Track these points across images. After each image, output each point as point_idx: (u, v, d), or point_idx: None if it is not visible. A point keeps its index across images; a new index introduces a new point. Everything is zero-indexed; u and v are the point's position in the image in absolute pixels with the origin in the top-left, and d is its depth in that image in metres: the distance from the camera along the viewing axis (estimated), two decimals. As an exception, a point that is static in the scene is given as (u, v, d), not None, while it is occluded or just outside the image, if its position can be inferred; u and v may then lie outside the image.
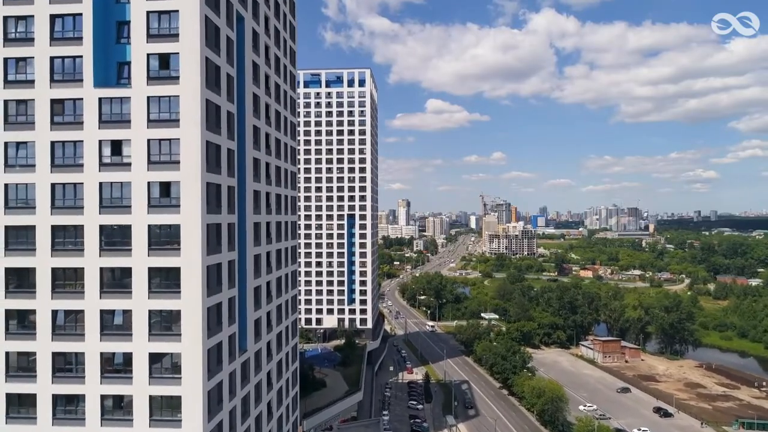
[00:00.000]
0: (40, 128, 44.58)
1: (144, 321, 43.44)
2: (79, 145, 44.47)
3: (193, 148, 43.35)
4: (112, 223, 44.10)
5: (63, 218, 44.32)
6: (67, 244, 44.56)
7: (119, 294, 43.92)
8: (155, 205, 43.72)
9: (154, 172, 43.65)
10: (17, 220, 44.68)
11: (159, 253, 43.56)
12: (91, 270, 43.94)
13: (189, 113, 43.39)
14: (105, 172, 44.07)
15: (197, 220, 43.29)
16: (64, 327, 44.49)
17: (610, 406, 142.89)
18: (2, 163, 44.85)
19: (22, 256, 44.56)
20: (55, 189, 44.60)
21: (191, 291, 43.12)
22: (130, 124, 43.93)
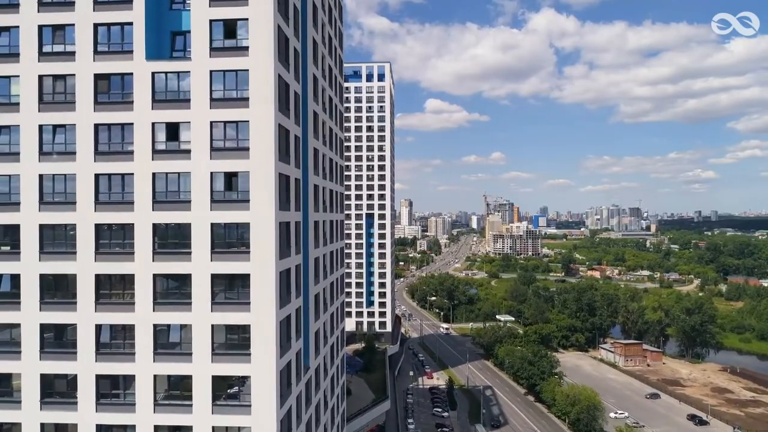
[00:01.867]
0: (81, 109, 37.28)
1: (206, 338, 36.26)
2: (128, 128, 37.21)
3: (265, 133, 36.19)
4: (168, 222, 36.87)
5: (109, 216, 37.07)
6: (113, 246, 37.31)
7: (176, 306, 36.72)
8: (219, 200, 36.54)
9: (217, 160, 36.47)
10: (54, 218, 37.38)
11: (224, 258, 36.38)
12: (142, 277, 36.72)
13: (260, 90, 36.22)
14: (159, 161, 36.84)
15: (270, 218, 36.14)
16: (110, 345, 37.23)
17: (642, 413, 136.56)
18: (36, 151, 37.55)
19: (61, 261, 37.26)
20: (100, 181, 37.32)
21: (263, 302, 35.98)
22: (190, 104, 36.70)
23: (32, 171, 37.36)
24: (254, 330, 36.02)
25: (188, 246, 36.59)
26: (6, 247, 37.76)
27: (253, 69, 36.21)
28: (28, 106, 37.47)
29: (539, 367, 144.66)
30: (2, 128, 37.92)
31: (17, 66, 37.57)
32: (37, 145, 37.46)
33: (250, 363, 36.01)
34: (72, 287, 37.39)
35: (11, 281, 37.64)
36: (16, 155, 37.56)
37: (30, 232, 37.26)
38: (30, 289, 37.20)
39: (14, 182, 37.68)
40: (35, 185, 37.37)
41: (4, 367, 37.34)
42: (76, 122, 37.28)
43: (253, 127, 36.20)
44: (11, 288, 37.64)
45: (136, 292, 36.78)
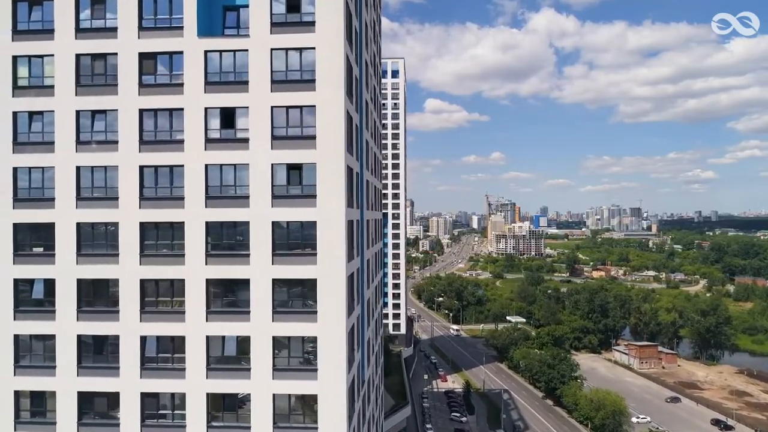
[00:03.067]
0: (124, 91, 32.88)
1: (266, 351, 31.90)
2: (178, 114, 32.83)
3: (334, 119, 31.89)
4: (223, 220, 32.51)
5: (156, 213, 32.68)
6: (160, 247, 32.91)
7: (232, 315, 32.37)
8: (281, 195, 32.22)
9: (279, 150, 32.14)
10: (94, 216, 32.99)
11: (286, 260, 32.04)
12: (193, 283, 32.34)
13: (328, 71, 31.91)
14: (213, 151, 32.47)
15: (339, 216, 31.84)
16: (157, 359, 32.82)
17: (664, 417, 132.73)
18: (73, 140, 33.14)
19: (101, 264, 32.85)
20: (144, 173, 32.93)
21: (331, 311, 31.67)
22: (247, 87, 32.34)
23: (68, 162, 32.94)
24: (321, 343, 31.70)
25: (246, 247, 32.23)
26: (39, 248, 33.35)
27: (321, 47, 31.88)
28: (63, 89, 33.06)
29: (559, 371, 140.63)
30: (34, 114, 33.49)
31: (51, 44, 33.14)
32: (74, 134, 33.04)
33: (317, 380, 31.67)
34: (114, 294, 33.00)
35: (45, 287, 33.22)
36: (50, 144, 33.13)
37: (66, 232, 32.85)
38: (66, 296, 32.79)
39: (48, 175, 33.27)
40: (72, 178, 32.95)
41: (38, 384, 32.93)
42: (118, 107, 32.87)
43: (320, 112, 31.88)
44: (45, 295, 33.24)
45: (186, 299, 32.39)
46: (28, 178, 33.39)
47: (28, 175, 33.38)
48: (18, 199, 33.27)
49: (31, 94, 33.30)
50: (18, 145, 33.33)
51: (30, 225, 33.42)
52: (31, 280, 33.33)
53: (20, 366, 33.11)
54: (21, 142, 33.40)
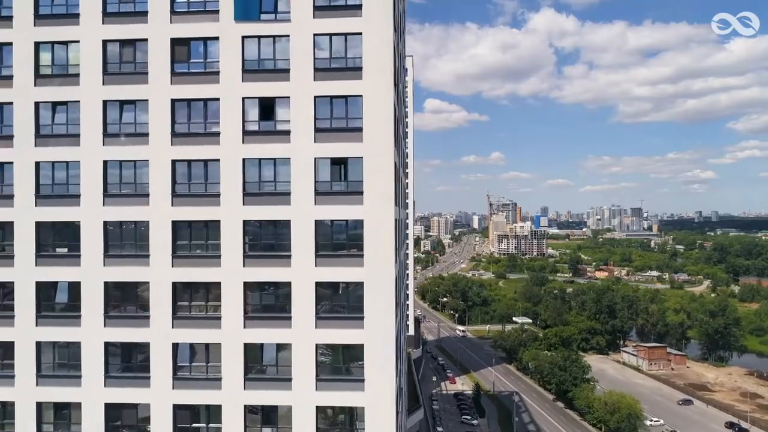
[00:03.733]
0: (155, 80, 30.47)
1: (309, 360, 29.51)
2: (213, 104, 30.43)
3: (382, 109, 29.53)
4: (262, 218, 30.13)
5: (189, 211, 30.27)
6: (194, 248, 30.51)
7: (272, 321, 29.97)
8: (325, 192, 29.84)
9: (323, 143, 29.75)
10: (122, 213, 30.58)
11: (331, 262, 29.67)
12: (230, 286, 29.94)
13: (376, 58, 29.54)
14: (251, 144, 30.08)
15: (389, 213, 29.49)
16: (190, 368, 30.41)
17: (677, 420, 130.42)
18: (100, 132, 30.72)
19: (130, 266, 30.42)
20: (177, 168, 30.52)
21: (379, 316, 29.30)
22: (288, 75, 29.95)
23: (95, 156, 30.53)
24: (369, 350, 29.31)
25: (287, 247, 29.84)
26: (63, 248, 30.93)
27: (368, 32, 29.49)
28: (89, 78, 30.66)
29: (571, 373, 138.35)
30: (58, 105, 31.08)
31: (76, 29, 30.70)
32: (100, 125, 30.62)
33: (363, 391, 29.27)
34: (143, 298, 30.59)
35: (69, 290, 30.81)
36: (75, 137, 30.71)
37: (92, 231, 30.44)
38: (92, 300, 30.37)
39: (73, 170, 30.84)
40: (99, 173, 30.54)
41: (62, 395, 30.47)
42: (148, 97, 30.46)
43: (368, 102, 29.51)
44: (69, 299, 30.82)
45: (222, 303, 29.98)
46: (51, 173, 30.99)
47: (51, 169, 30.98)
48: (40, 196, 30.85)
49: (55, 83, 30.89)
50: (40, 138, 30.91)
51: (53, 224, 31.00)
52: (54, 283, 30.90)
53: (43, 375, 30.66)
54: (44, 135, 30.98)
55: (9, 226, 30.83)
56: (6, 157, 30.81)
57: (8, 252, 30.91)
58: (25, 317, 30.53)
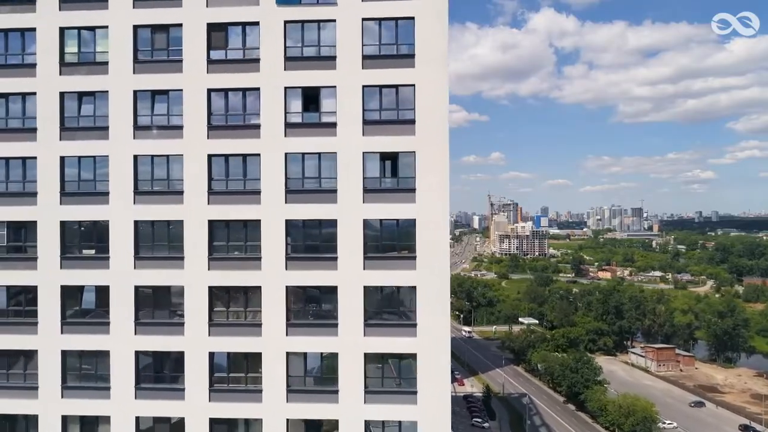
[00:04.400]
0: (189, 69, 28.14)
1: (357, 370, 27.20)
2: (253, 95, 28.11)
3: (436, 100, 27.25)
4: (306, 217, 27.83)
5: (226, 209, 27.94)
6: (232, 249, 28.20)
7: (316, 328, 27.69)
8: (374, 189, 27.54)
9: (372, 137, 27.46)
10: (154, 212, 28.21)
11: (380, 264, 27.35)
12: (271, 290, 27.63)
13: (429, 45, 27.25)
14: (294, 138, 27.78)
15: (443, 212, 27.23)
16: (228, 379, 28.09)
17: (690, 423, 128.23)
18: (130, 125, 28.38)
19: (162, 268, 28.04)
20: (213, 164, 28.20)
21: (432, 323, 27.01)
22: (335, 63, 27.65)
23: (125, 150, 28.20)
24: (422, 360, 27.02)
25: (333, 249, 27.54)
26: (90, 250, 28.59)
27: (421, 16, 27.19)
28: (119, 66, 28.33)
29: (583, 375, 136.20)
30: (85, 95, 28.73)
31: (105, 14, 28.37)
32: (131, 117, 28.29)
33: (416, 405, 26.99)
34: (177, 303, 28.26)
35: (97, 295, 28.45)
36: (103, 130, 28.38)
37: (122, 231, 28.09)
38: (122, 305, 28.03)
39: (101, 166, 28.51)
40: (128, 169, 28.20)
41: (89, 408, 28.10)
42: (182, 87, 28.13)
43: (421, 92, 27.22)
44: (97, 304, 28.48)
45: (263, 309, 27.66)
46: (78, 168, 28.65)
47: (77, 165, 28.64)
48: (66, 194, 28.50)
49: (82, 72, 28.55)
50: (66, 131, 28.56)
51: (80, 223, 28.69)
52: (80, 287, 28.55)
53: (68, 387, 28.30)
54: (69, 128, 28.63)
55: (32, 226, 28.49)
56: (29, 151, 28.48)
57: (31, 254, 28.57)
58: (49, 324, 28.19)
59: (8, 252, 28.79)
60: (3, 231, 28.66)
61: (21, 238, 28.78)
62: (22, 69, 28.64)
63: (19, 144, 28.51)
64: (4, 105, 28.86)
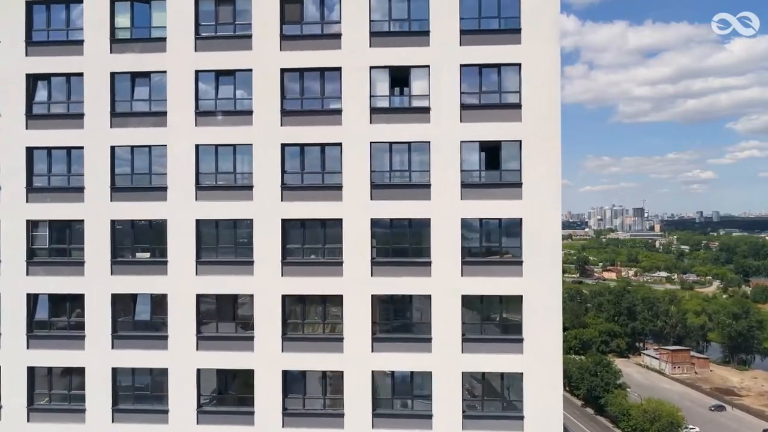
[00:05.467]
0: (260, 46, 24.31)
1: (454, 391, 23.39)
2: (333, 76, 24.28)
3: (546, 82, 23.46)
4: (394, 216, 24.01)
5: (301, 207, 24.11)
6: (308, 252, 24.37)
7: (407, 343, 23.86)
8: (473, 184, 23.75)
9: (470, 123, 23.65)
10: (217, 210, 24.36)
11: (480, 270, 23.55)
12: (355, 299, 23.81)
13: (538, 17, 23.43)
14: (381, 124, 23.96)
15: (554, 211, 23.45)
16: (303, 401, 24.26)
17: (712, 428, 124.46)
18: (191, 110, 24.57)
19: (227, 274, 24.25)
20: (287, 154, 24.35)
21: (542, 339, 23.21)
22: (428, 38, 23.83)
23: (185, 139, 24.37)
24: (529, 381, 23.23)
25: (425, 252, 23.73)
26: (144, 253, 24.77)
27: (528, -15, 23.45)
28: (178, 44, 24.50)
29: (603, 378, 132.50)
30: (139, 76, 24.91)
31: (162, -17, 24.62)
32: (192, 102, 24.45)
33: (522, 431, 23.24)
34: (245, 314, 24.46)
35: (153, 305, 24.62)
36: (160, 116, 24.55)
37: (181, 232, 24.26)
38: (182, 316, 24.20)
39: (158, 157, 24.70)
40: (189, 161, 24.36)
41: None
42: (252, 66, 24.29)
43: (528, 72, 23.43)
44: (153, 314, 24.65)
45: (345, 321, 23.84)
46: (131, 160, 24.84)
47: (129, 155, 24.83)
48: (116, 189, 24.69)
49: (135, 50, 24.72)
50: (117, 117, 24.74)
51: (132, 223, 24.87)
52: (133, 296, 24.74)
53: (120, 410, 24.46)
54: (121, 113, 24.82)
55: (78, 225, 24.68)
56: (74, 140, 24.65)
57: (76, 257, 24.75)
58: (98, 338, 24.38)
59: (51, 255, 24.92)
60: (45, 231, 24.82)
61: (65, 239, 24.94)
62: (67, 46, 24.83)
63: (64, 132, 24.69)
64: (47, 87, 25.04)
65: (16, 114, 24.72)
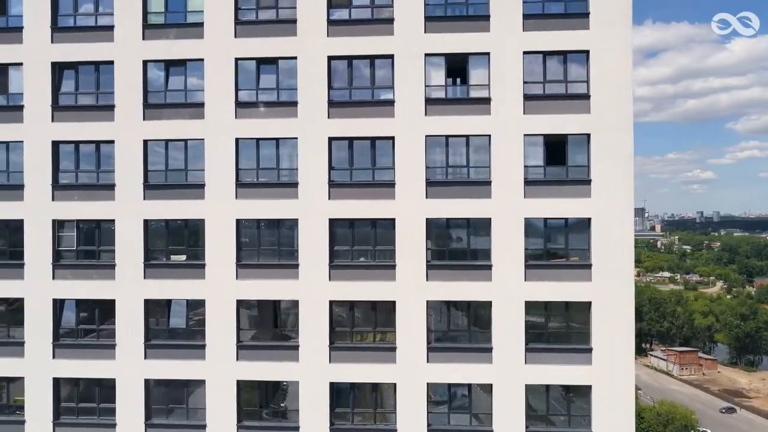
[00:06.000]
0: (304, 32, 22.35)
1: (516, 406, 21.46)
2: (384, 64, 22.33)
3: (617, 70, 21.55)
4: (451, 216, 22.06)
5: (351, 206, 22.15)
6: (357, 255, 22.43)
7: (465, 353, 21.92)
8: (537, 181, 21.80)
9: (535, 115, 21.70)
10: (259, 209, 22.42)
11: (544, 275, 21.60)
12: (408, 306, 21.87)
13: (609, 3, 21.61)
14: (436, 117, 22.01)
15: (626, 211, 21.53)
16: (352, 415, 22.32)
17: (724, 430, 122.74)
18: (231, 99, 22.62)
19: (270, 278, 22.31)
20: (334, 149, 22.42)
21: (612, 349, 21.27)
22: (488, 24, 21.88)
23: (223, 133, 22.41)
24: (598, 395, 21.28)
25: (485, 255, 21.79)
26: (180, 256, 22.80)
27: (598, -35, 21.51)
28: (216, 29, 22.56)
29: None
30: (174, 64, 22.95)
31: (199, -36, 22.66)
32: (231, 92, 22.48)
33: (592, 448, 21.28)
34: (290, 322, 22.52)
35: (189, 312, 22.69)
36: (196, 107, 22.60)
37: (220, 233, 22.31)
38: (220, 324, 22.24)
39: (194, 151, 22.74)
40: (229, 156, 22.40)
41: (181, 453, 22.31)
42: (296, 54, 22.34)
43: (597, 60, 21.50)
44: (189, 323, 22.71)
45: (397, 330, 21.87)
46: (165, 155, 22.88)
47: (164, 151, 22.87)
48: (150, 186, 22.73)
49: (169, 36, 22.77)
50: (150, 109, 22.78)
51: (167, 223, 22.91)
52: (168, 302, 22.79)
53: (153, 424, 22.51)
54: (154, 105, 22.86)
55: (109, 225, 22.73)
56: (105, 134, 22.70)
57: (107, 260, 22.79)
58: (129, 347, 22.42)
59: (78, 258, 22.96)
60: (72, 232, 22.86)
61: (94, 240, 22.98)
62: (96, 32, 22.89)
63: (93, 125, 22.75)
64: (74, 77, 23.08)
65: (40, 106, 22.78)
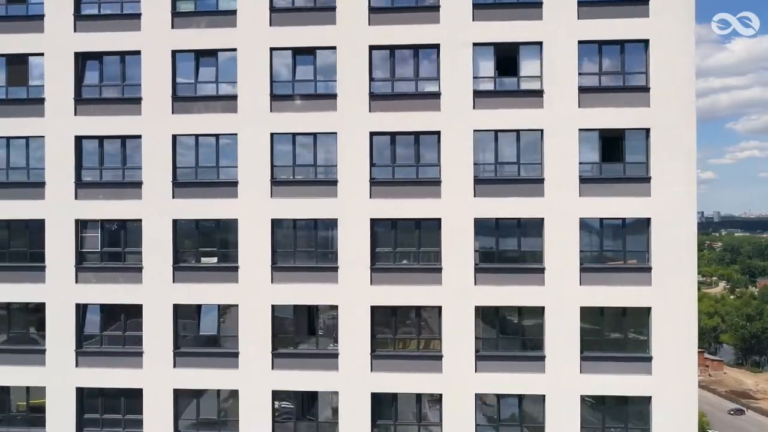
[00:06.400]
0: (344, 20, 20.92)
1: (571, 417, 20.05)
2: (428, 54, 20.94)
3: (680, 61, 20.12)
4: (501, 216, 20.63)
5: (393, 205, 20.72)
6: (400, 257, 21.00)
7: (515, 362, 20.50)
8: (592, 179, 20.38)
9: (590, 109, 20.28)
10: (294, 208, 20.97)
11: (601, 279, 20.18)
12: (455, 312, 20.43)
13: (670, -12, 20.19)
14: (485, 110, 20.58)
15: (688, 210, 20.10)
16: (394, 428, 20.88)
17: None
18: (266, 92, 21.18)
19: (309, 282, 20.90)
20: (375, 144, 20.97)
21: (674, 357, 19.87)
22: (540, 11, 20.45)
23: (258, 127, 21.00)
24: (658, 406, 19.87)
25: (537, 257, 20.38)
26: (211, 258, 21.37)
27: (659, -51, 20.08)
28: (249, 18, 21.14)
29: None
30: (203, 56, 21.53)
31: (231, -52, 21.23)
32: (267, 84, 21.06)
33: (649, 464, 19.85)
34: (329, 327, 21.10)
35: (221, 318, 21.27)
36: (229, 101, 21.17)
37: (255, 233, 20.88)
38: (255, 331, 20.81)
39: (226, 147, 21.34)
40: (264, 151, 20.98)
41: (213, 468, 20.87)
42: (335, 44, 20.93)
43: (657, 50, 20.07)
44: (221, 329, 21.27)
45: (443, 337, 20.46)
46: (195, 151, 21.44)
47: (194, 146, 21.44)
48: (179, 184, 21.32)
49: (200, 25, 21.36)
50: (179, 102, 21.36)
51: (197, 224, 21.47)
52: (198, 307, 21.36)
53: (183, 438, 21.08)
54: (183, 97, 21.44)
55: (135, 225, 21.30)
56: (131, 128, 21.28)
57: (133, 262, 21.37)
58: (157, 355, 20.99)
59: (103, 260, 21.53)
60: (96, 232, 21.43)
61: (120, 242, 21.54)
62: (121, 21, 21.46)
63: (118, 119, 21.33)
64: (98, 68, 21.65)
65: (63, 98, 21.36)
